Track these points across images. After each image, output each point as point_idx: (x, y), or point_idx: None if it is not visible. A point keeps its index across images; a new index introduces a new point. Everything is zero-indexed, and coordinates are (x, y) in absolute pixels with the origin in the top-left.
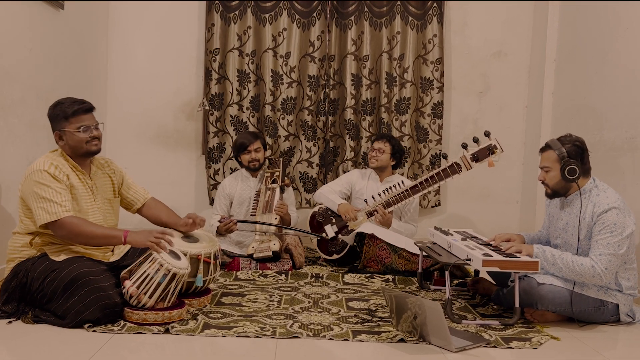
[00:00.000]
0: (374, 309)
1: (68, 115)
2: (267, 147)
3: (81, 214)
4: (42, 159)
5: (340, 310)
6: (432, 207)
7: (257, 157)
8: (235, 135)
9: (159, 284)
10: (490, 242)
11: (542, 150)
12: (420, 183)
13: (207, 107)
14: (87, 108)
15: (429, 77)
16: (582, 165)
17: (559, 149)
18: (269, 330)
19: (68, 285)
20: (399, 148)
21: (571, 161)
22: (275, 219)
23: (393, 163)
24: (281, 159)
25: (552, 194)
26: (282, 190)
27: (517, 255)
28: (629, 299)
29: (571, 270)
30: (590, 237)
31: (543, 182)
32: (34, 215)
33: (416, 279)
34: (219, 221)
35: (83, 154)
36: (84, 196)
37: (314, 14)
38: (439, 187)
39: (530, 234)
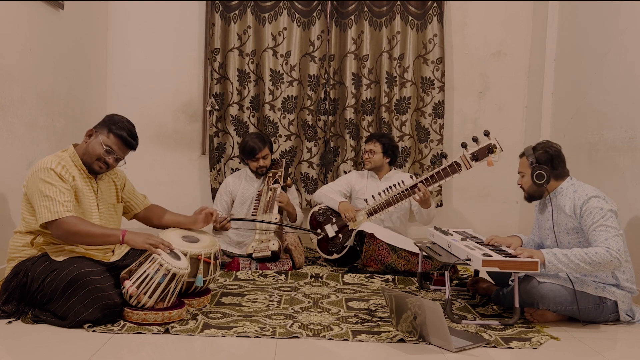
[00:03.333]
0: (373, 309)
1: (113, 131)
2: (273, 150)
3: (83, 216)
4: (50, 158)
5: (340, 310)
6: (435, 207)
7: (265, 164)
8: (237, 135)
9: (158, 284)
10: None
11: (520, 157)
12: (420, 182)
13: (215, 107)
14: (129, 143)
15: (430, 77)
16: (553, 170)
17: (530, 155)
18: (268, 330)
19: (68, 286)
20: (390, 145)
21: (540, 167)
22: (276, 219)
23: (388, 160)
24: (283, 160)
25: (528, 197)
26: (284, 191)
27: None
28: (627, 297)
29: (588, 263)
30: (578, 232)
31: (521, 187)
32: (36, 214)
33: (416, 278)
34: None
35: (87, 163)
36: (87, 199)
37: (314, 14)
38: (439, 186)
39: (526, 236)
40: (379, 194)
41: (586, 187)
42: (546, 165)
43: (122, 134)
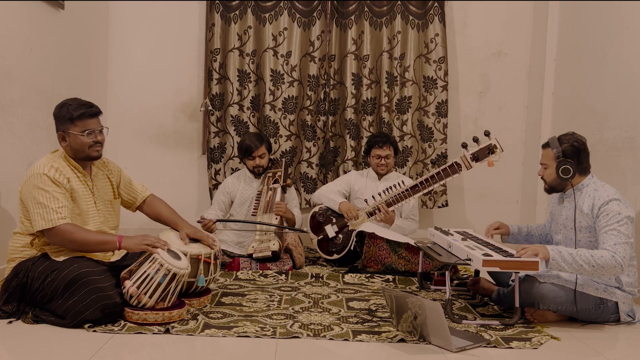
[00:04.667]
0: (374, 309)
1: (74, 117)
2: (272, 151)
3: (81, 216)
4: (42, 161)
5: (340, 310)
6: (439, 207)
7: (262, 163)
8: (237, 135)
9: (159, 284)
10: (489, 242)
11: (543, 147)
12: (421, 183)
13: (209, 108)
14: (94, 112)
15: (432, 76)
16: (579, 164)
17: (556, 147)
18: (269, 330)
19: (68, 285)
20: (396, 145)
21: (566, 161)
22: (276, 219)
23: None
24: (283, 159)
25: (549, 189)
26: (284, 191)
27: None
28: (628, 298)
29: (592, 265)
30: (590, 231)
31: (542, 178)
32: (31, 220)
33: (416, 278)
34: (198, 221)
35: (84, 158)
36: (84, 199)
37: (314, 14)
38: (441, 186)
39: (516, 225)
40: (379, 194)
41: (607, 187)
42: (572, 159)
43: (82, 112)
